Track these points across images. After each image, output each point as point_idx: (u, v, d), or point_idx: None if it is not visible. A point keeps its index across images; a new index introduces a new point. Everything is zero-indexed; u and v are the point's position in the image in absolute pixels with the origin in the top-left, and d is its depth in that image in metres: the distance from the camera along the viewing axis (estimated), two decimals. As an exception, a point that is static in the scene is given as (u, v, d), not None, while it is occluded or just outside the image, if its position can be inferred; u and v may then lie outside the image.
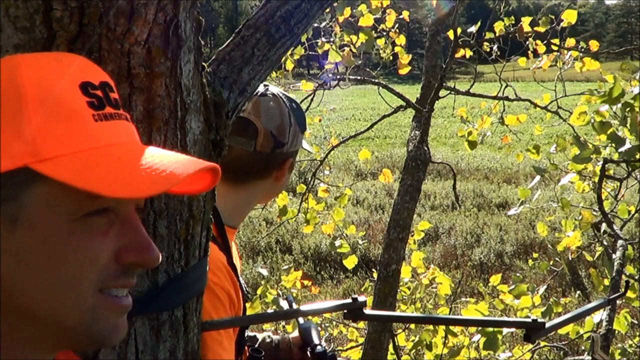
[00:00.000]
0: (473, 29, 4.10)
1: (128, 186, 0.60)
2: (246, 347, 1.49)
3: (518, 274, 3.82)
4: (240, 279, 1.40)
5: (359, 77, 4.35)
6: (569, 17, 4.00)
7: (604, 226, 3.25)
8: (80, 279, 0.62)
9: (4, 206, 0.59)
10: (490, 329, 2.58)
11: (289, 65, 4.40)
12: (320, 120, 5.46)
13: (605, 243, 3.13)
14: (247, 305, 1.53)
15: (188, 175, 0.63)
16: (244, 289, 1.42)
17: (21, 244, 0.59)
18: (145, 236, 0.66)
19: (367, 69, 4.53)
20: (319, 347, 1.52)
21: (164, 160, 0.65)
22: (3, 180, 0.58)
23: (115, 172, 0.61)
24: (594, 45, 4.14)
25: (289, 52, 3.59)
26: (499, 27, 4.13)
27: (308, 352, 1.54)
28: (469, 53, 4.26)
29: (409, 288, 4.17)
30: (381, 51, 4.44)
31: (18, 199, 0.59)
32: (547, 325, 1.17)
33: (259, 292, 3.83)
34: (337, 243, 4.17)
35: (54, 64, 0.63)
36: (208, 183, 0.73)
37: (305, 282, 4.57)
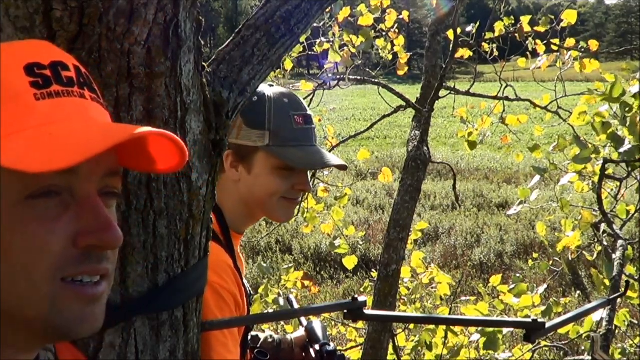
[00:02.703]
0: (470, 27, 4.08)
1: (46, 159, 0.58)
2: (248, 350, 1.49)
3: (518, 274, 3.82)
4: (245, 281, 1.40)
5: (358, 77, 4.35)
6: (569, 17, 3.99)
7: (603, 226, 3.25)
8: (32, 266, 0.60)
9: None
10: (490, 329, 2.58)
11: (288, 65, 4.39)
12: (320, 120, 5.45)
13: (605, 243, 3.12)
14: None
15: (109, 144, 0.60)
16: (249, 291, 1.42)
17: None
18: (104, 217, 0.64)
19: (367, 69, 4.53)
20: (327, 346, 1.51)
21: (100, 132, 0.63)
22: None
23: (40, 148, 0.59)
24: (593, 45, 4.14)
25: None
26: (498, 27, 4.12)
27: (312, 351, 1.53)
28: (468, 53, 4.25)
29: (408, 288, 4.17)
30: (380, 51, 4.44)
31: None
32: (547, 325, 1.17)
33: (260, 290, 3.82)
34: (337, 243, 4.17)
35: (4, 51, 0.63)
36: (177, 160, 0.71)
37: (306, 283, 4.56)
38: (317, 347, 1.52)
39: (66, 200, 0.62)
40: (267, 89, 1.43)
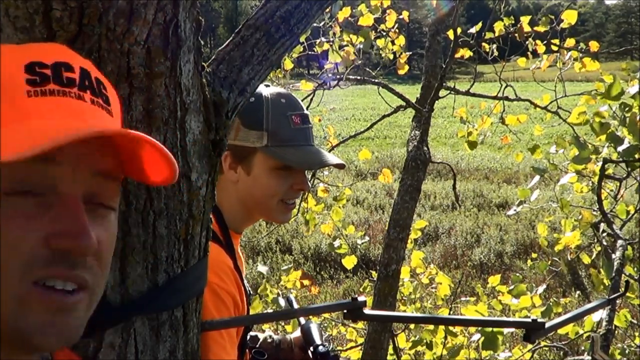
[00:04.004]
0: (473, 29, 4.10)
1: (13, 151, 0.58)
2: (247, 350, 1.49)
3: (518, 274, 3.82)
4: (245, 282, 1.40)
5: (359, 77, 4.35)
6: (569, 17, 4.00)
7: (603, 226, 3.25)
8: (4, 264, 0.60)
9: None
10: (490, 329, 2.58)
11: (288, 65, 4.39)
12: (320, 120, 5.45)
13: (605, 243, 3.12)
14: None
15: (70, 138, 0.59)
16: (249, 292, 1.42)
17: None
18: (80, 222, 0.63)
19: (367, 69, 4.52)
20: (321, 347, 1.51)
21: (71, 127, 0.62)
22: None
23: (13, 141, 0.59)
24: (593, 45, 4.14)
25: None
26: (498, 27, 4.13)
27: (309, 352, 1.54)
28: (468, 53, 4.25)
29: (407, 289, 4.17)
30: (381, 51, 4.44)
31: None
32: (547, 325, 1.17)
33: (259, 291, 3.83)
34: (336, 243, 4.17)
35: (11, 49, 0.64)
36: (167, 174, 0.70)
37: (305, 282, 4.56)
38: (312, 348, 1.52)
39: (49, 201, 0.62)
40: (264, 89, 1.43)
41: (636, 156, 2.61)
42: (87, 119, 0.65)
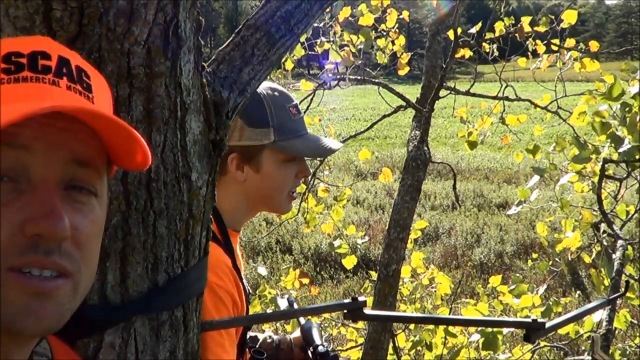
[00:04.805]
0: (473, 29, 4.10)
1: None
2: (247, 349, 1.49)
3: (518, 274, 3.82)
4: (245, 281, 1.40)
5: (359, 77, 4.34)
6: (569, 17, 4.00)
7: (603, 226, 3.25)
8: None
9: None
10: (490, 329, 2.58)
11: (289, 65, 4.39)
12: (320, 120, 5.44)
13: (605, 243, 3.12)
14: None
15: (20, 116, 0.59)
16: (248, 291, 1.43)
17: None
18: (51, 205, 0.62)
19: (367, 69, 4.52)
20: (320, 347, 1.52)
21: (33, 108, 0.61)
22: None
23: None
24: (594, 45, 4.15)
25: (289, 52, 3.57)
26: (499, 27, 4.13)
27: (309, 352, 1.54)
28: (468, 53, 4.25)
29: (407, 289, 4.17)
30: (379, 52, 4.44)
31: None
32: (547, 325, 1.17)
33: (259, 292, 3.83)
34: (336, 243, 4.17)
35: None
36: (140, 159, 0.70)
37: (304, 280, 4.55)
38: (311, 348, 1.53)
39: (22, 186, 0.62)
40: None
41: (636, 156, 2.61)
42: (57, 101, 0.64)
